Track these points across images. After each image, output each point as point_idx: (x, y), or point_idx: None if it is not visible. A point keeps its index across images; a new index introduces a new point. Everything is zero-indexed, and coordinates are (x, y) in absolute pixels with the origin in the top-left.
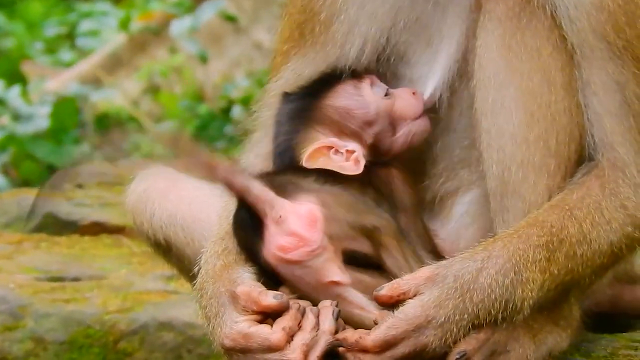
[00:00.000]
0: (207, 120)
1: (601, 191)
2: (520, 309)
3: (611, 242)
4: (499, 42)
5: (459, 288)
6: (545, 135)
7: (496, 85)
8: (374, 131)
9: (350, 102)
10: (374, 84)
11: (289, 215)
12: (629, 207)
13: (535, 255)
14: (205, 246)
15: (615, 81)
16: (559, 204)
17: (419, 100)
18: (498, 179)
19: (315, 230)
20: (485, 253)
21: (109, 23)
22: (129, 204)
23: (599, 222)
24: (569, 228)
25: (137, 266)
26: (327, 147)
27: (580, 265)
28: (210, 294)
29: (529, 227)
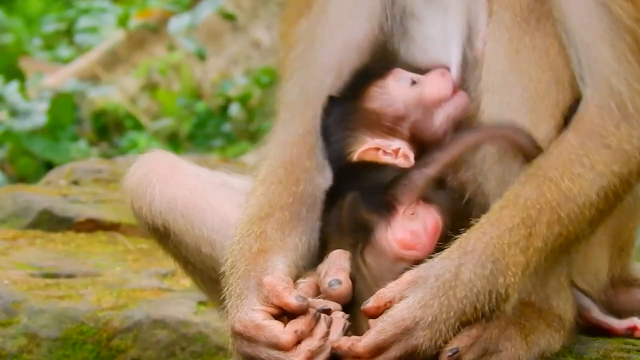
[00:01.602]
0: (204, 118)
1: (575, 140)
2: (506, 297)
3: (600, 188)
4: (507, 47)
5: (442, 287)
6: (551, 135)
7: (504, 88)
8: (409, 124)
9: (379, 103)
10: (399, 77)
11: (420, 217)
12: (612, 145)
13: (512, 238)
14: (204, 233)
15: (600, 2)
16: (532, 172)
17: (447, 79)
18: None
19: (434, 241)
20: (461, 249)
21: (107, 20)
22: (128, 188)
23: (579, 173)
24: (546, 194)
25: (131, 263)
26: (375, 149)
27: (570, 225)
28: (241, 274)
29: (502, 209)
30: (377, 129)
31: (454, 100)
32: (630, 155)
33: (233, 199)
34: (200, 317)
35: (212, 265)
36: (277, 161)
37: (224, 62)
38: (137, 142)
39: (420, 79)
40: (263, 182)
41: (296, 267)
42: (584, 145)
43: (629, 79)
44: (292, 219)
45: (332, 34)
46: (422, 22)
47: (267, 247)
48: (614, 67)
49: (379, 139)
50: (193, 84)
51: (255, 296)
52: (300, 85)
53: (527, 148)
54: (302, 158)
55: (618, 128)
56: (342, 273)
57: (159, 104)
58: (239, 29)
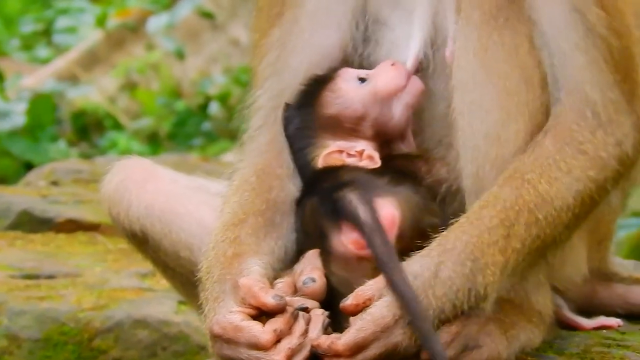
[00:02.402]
0: (184, 117)
1: (553, 145)
2: (485, 296)
3: (577, 192)
4: (477, 45)
5: (421, 285)
6: (521, 134)
7: (473, 86)
8: (370, 122)
9: (336, 107)
10: (348, 77)
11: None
12: (588, 151)
13: (491, 238)
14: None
15: (575, 9)
16: (510, 174)
17: (399, 69)
18: (473, 177)
19: (391, 235)
20: (441, 247)
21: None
22: (105, 194)
23: (556, 177)
24: (524, 196)
25: (112, 264)
26: (338, 152)
27: (547, 228)
28: (216, 278)
29: (481, 209)
30: (338, 132)
31: (409, 87)
32: (605, 162)
33: (210, 203)
34: (181, 316)
35: (191, 269)
36: (250, 170)
37: (203, 60)
38: (117, 141)
39: (370, 74)
40: (236, 190)
41: (272, 270)
42: (562, 150)
43: (602, 87)
44: (266, 224)
45: (303, 42)
46: (389, 28)
47: (242, 251)
48: (587, 75)
49: (341, 142)
50: (172, 83)
51: (232, 298)
52: (270, 93)
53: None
54: (273, 165)
55: (594, 135)
56: (317, 271)
57: (138, 103)
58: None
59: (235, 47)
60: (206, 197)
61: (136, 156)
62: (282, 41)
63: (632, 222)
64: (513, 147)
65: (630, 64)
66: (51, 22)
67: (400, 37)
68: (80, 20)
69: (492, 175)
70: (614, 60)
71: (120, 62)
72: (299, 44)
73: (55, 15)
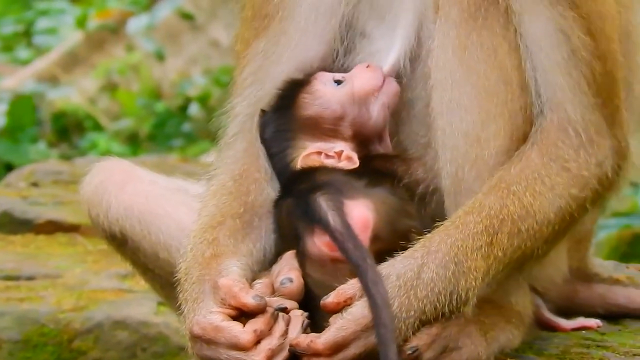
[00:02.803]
0: (164, 118)
1: (540, 159)
2: (466, 300)
3: (558, 209)
4: (455, 43)
5: (403, 286)
6: (500, 134)
7: (452, 85)
8: (349, 123)
9: (314, 109)
10: (325, 80)
11: (346, 213)
12: (572, 169)
13: (475, 243)
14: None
15: (560, 30)
16: (497, 183)
17: (375, 70)
18: (452, 177)
19: (364, 237)
20: (424, 249)
21: (66, 21)
22: (85, 196)
23: (540, 191)
24: (509, 206)
25: (91, 265)
26: (317, 153)
27: (528, 240)
28: (195, 279)
29: (466, 215)
30: (317, 133)
31: (385, 88)
32: (587, 181)
33: (189, 204)
34: (160, 317)
35: (170, 270)
36: (227, 175)
37: (183, 62)
38: (97, 142)
39: (346, 77)
40: (214, 194)
41: (251, 271)
42: (547, 166)
43: (583, 109)
44: (244, 227)
45: (287, 53)
46: (371, 41)
47: (220, 252)
48: (568, 96)
49: (320, 143)
50: (152, 84)
51: (211, 299)
52: (249, 100)
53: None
54: (251, 170)
55: (578, 154)
56: (294, 272)
57: (118, 104)
58: (198, 28)
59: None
60: (185, 198)
61: (115, 157)
62: (266, 52)
63: (612, 222)
64: (493, 148)
65: (612, 89)
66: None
67: (381, 49)
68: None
69: (472, 175)
70: (596, 84)
71: (100, 63)
72: (283, 55)
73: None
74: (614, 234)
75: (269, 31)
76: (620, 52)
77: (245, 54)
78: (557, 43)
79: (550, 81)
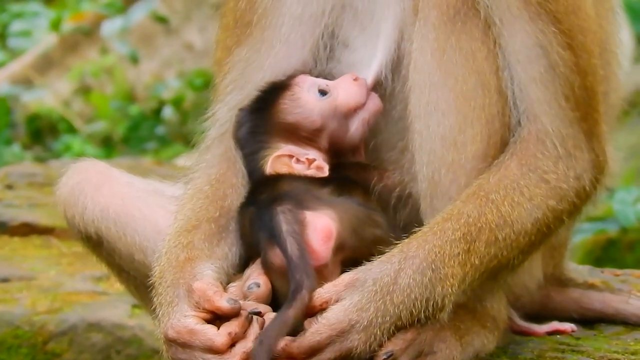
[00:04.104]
0: (138, 121)
1: (519, 169)
2: (442, 306)
3: (536, 220)
4: (434, 46)
5: (379, 291)
6: (477, 138)
7: (430, 88)
8: (326, 135)
9: (294, 116)
10: (308, 86)
11: (309, 225)
12: (550, 181)
13: (452, 250)
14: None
15: (539, 45)
16: (475, 191)
17: (361, 85)
18: (428, 181)
19: (327, 247)
20: (402, 254)
21: (40, 24)
22: (61, 197)
23: (518, 201)
24: (487, 214)
25: (66, 267)
26: (288, 156)
27: (505, 249)
28: (169, 282)
29: (445, 221)
30: (292, 139)
31: (368, 104)
32: (565, 193)
33: (165, 206)
34: (135, 320)
35: (145, 272)
36: (204, 179)
37: (157, 65)
38: (71, 145)
39: (330, 87)
40: (190, 198)
41: (226, 275)
42: (526, 176)
43: (561, 122)
44: (219, 231)
45: (268, 61)
46: (353, 50)
47: (195, 255)
48: (545, 109)
49: (293, 146)
50: (126, 87)
51: (186, 303)
52: (229, 105)
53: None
54: (228, 175)
55: (557, 166)
56: (262, 277)
57: (92, 107)
58: (172, 31)
59: (189, 52)
60: (161, 200)
61: (92, 159)
62: (247, 60)
63: (586, 227)
64: (470, 152)
65: (591, 103)
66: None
67: (362, 59)
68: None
69: (448, 179)
70: (575, 98)
71: (74, 66)
72: (265, 63)
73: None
74: (589, 239)
75: (251, 39)
76: (600, 65)
77: (226, 61)
78: (536, 57)
79: (528, 94)
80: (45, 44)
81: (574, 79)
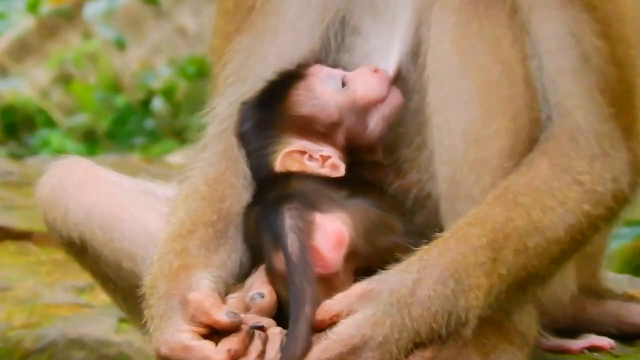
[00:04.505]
0: (124, 113)
1: (550, 169)
2: (466, 321)
3: (569, 226)
4: (454, 31)
5: (396, 303)
6: (502, 133)
7: (450, 78)
8: (343, 130)
9: (308, 108)
10: (324, 77)
11: (319, 230)
12: (585, 182)
13: (477, 258)
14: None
15: (570, 33)
16: (502, 193)
17: (382, 78)
18: (448, 181)
19: (338, 254)
20: (422, 262)
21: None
22: (41, 198)
23: (550, 205)
24: (516, 220)
25: (45, 276)
26: (300, 152)
27: (535, 259)
28: (162, 293)
29: (469, 226)
30: (305, 133)
31: (389, 99)
32: (601, 197)
33: (157, 208)
34: (121, 335)
35: (134, 282)
36: (200, 179)
37: (146, 51)
38: (50, 140)
39: (349, 77)
40: (185, 199)
41: (225, 285)
42: (559, 178)
43: (595, 119)
44: (217, 236)
45: (273, 51)
46: (367, 38)
47: (190, 263)
48: (577, 103)
49: (306, 142)
50: (111, 75)
51: (180, 316)
52: (230, 99)
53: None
54: (227, 175)
55: (592, 166)
56: (266, 286)
57: (73, 98)
58: (162, 14)
59: (181, 37)
60: (152, 201)
61: (75, 156)
62: (250, 49)
63: (625, 232)
64: (494, 149)
65: (629, 98)
66: None
67: (377, 49)
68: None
69: (470, 179)
70: (611, 92)
71: (53, 52)
72: (269, 53)
73: None
74: (628, 245)
75: (253, 26)
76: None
77: (226, 50)
78: (567, 46)
79: (558, 86)
80: (21, 27)
81: (610, 71)
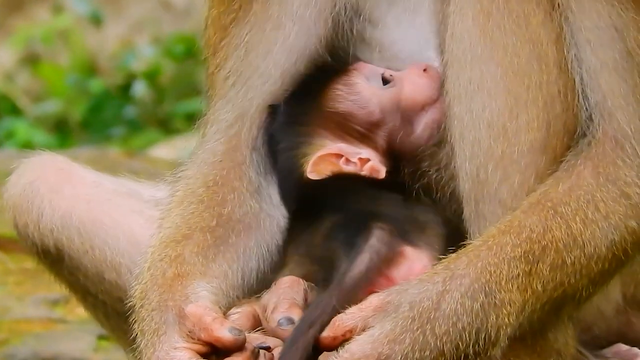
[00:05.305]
0: (101, 100)
1: (594, 178)
2: (496, 340)
3: (611, 242)
4: (476, 8)
5: (417, 318)
6: (533, 125)
7: (472, 61)
8: (385, 132)
9: (347, 105)
10: (367, 73)
11: (408, 261)
12: (633, 196)
13: (511, 271)
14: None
15: (614, 26)
16: (540, 200)
17: (432, 78)
18: (472, 180)
19: None
20: (448, 272)
21: None
22: (9, 200)
23: (593, 218)
24: (554, 230)
25: (13, 288)
26: (336, 155)
27: (573, 276)
28: (154, 305)
29: (502, 234)
30: (341, 133)
31: (440, 103)
32: None
33: (143, 211)
34: (101, 354)
35: (118, 295)
36: (199, 180)
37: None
38: (15, 131)
39: (395, 76)
40: (180, 202)
41: (225, 297)
42: (604, 188)
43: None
44: (217, 243)
45: (277, 43)
46: (385, 30)
47: (185, 271)
48: (622, 104)
49: (342, 144)
50: (86, 56)
51: (176, 331)
52: (233, 98)
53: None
54: (229, 177)
55: None
56: (295, 309)
57: (42, 82)
58: None
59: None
60: (138, 204)
61: (49, 152)
62: (250, 42)
63: None
64: (524, 143)
65: None
66: None
67: (396, 41)
68: None
69: (497, 177)
70: None
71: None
72: (274, 46)
73: None
74: None
75: (254, 16)
76: None
77: (222, 44)
78: (609, 40)
79: (599, 83)
80: None
81: None
